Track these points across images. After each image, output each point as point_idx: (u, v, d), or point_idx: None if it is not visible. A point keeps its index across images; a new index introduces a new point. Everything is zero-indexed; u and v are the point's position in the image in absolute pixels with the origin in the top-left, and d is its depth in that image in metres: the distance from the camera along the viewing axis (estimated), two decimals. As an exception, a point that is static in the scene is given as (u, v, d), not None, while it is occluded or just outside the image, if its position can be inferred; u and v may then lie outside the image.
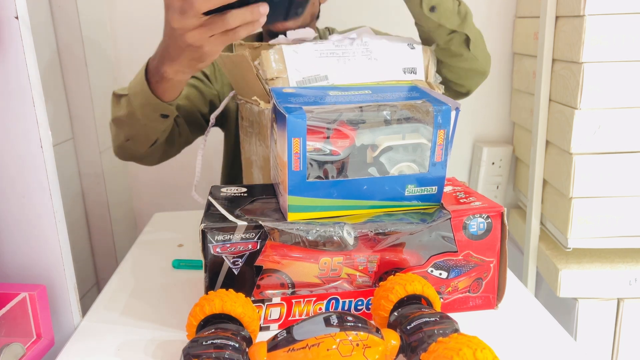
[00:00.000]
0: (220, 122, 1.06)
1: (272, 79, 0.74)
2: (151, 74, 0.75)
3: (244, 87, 0.82)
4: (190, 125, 0.95)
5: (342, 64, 0.76)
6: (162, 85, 0.75)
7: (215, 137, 1.17)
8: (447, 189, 0.70)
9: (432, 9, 0.81)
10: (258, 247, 0.59)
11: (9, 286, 0.61)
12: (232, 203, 0.64)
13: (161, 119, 0.81)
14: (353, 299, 0.62)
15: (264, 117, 0.74)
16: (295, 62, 0.74)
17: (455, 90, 0.96)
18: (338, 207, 0.61)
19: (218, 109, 0.85)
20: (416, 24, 0.87)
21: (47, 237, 0.63)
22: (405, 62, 0.79)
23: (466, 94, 0.96)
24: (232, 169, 1.08)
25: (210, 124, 0.84)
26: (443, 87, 0.85)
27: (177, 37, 0.63)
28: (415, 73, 0.79)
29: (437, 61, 0.89)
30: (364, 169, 0.61)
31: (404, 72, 0.78)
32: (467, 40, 0.86)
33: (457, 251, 0.62)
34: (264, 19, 0.61)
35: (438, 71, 0.90)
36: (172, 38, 0.64)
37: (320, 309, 0.62)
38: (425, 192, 0.63)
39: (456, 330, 0.50)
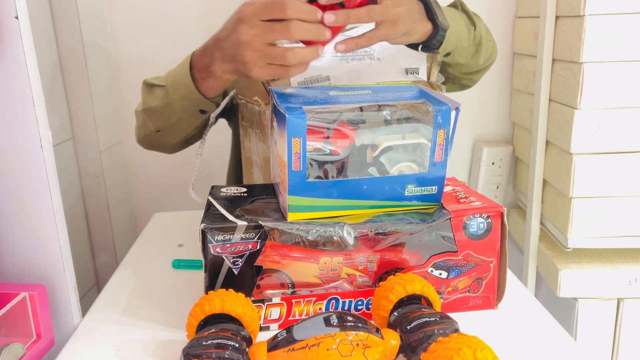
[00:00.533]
0: (228, 116, 1.05)
1: (274, 79, 0.73)
2: (197, 69, 0.75)
3: (245, 87, 0.82)
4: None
5: (345, 64, 0.76)
6: (207, 82, 0.75)
7: (216, 137, 1.17)
8: (447, 188, 0.70)
9: (447, 54, 0.80)
10: (258, 247, 0.59)
11: (9, 286, 0.61)
12: (232, 203, 0.64)
13: (199, 115, 0.81)
14: (353, 299, 0.62)
15: (265, 118, 0.74)
16: None
17: (464, 84, 0.96)
18: (338, 207, 0.61)
19: (218, 108, 0.84)
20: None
21: (47, 237, 0.63)
22: (408, 62, 0.79)
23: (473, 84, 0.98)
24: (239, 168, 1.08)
25: (209, 123, 0.84)
26: (445, 87, 0.85)
27: (238, 47, 0.63)
28: (417, 73, 0.79)
29: (444, 71, 0.89)
30: (364, 169, 0.61)
31: (406, 73, 0.78)
32: (480, 52, 0.86)
33: (457, 251, 0.62)
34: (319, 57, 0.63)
35: (445, 75, 0.91)
36: (233, 46, 0.64)
37: (320, 309, 0.62)
38: (425, 192, 0.63)
39: (456, 330, 0.50)
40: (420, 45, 0.72)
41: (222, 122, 1.07)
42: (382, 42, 0.77)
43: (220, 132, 1.10)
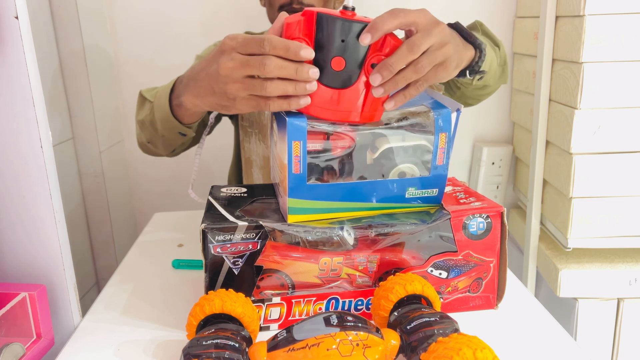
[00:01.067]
0: (230, 115, 1.04)
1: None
2: (174, 95, 0.75)
3: None
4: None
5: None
6: (180, 111, 0.75)
7: (216, 138, 1.17)
8: (447, 189, 0.70)
9: (482, 76, 0.78)
10: (258, 247, 0.59)
11: (9, 286, 0.61)
12: (232, 203, 0.64)
13: (180, 136, 0.82)
14: (353, 299, 0.62)
15: (264, 117, 0.74)
16: None
17: (469, 104, 0.95)
18: (338, 210, 0.61)
19: (207, 127, 0.85)
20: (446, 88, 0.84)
21: (47, 237, 0.63)
22: None
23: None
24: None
25: (209, 123, 0.84)
26: (443, 87, 0.85)
27: (217, 81, 0.60)
28: None
29: (450, 90, 0.88)
30: (364, 171, 0.61)
31: None
32: (505, 72, 0.85)
33: (457, 251, 0.62)
34: (306, 101, 0.56)
35: (450, 93, 0.90)
36: (211, 79, 0.61)
37: (320, 308, 0.62)
38: (426, 195, 0.63)
39: (456, 330, 0.50)
40: (468, 71, 0.67)
41: (225, 121, 1.07)
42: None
43: (220, 132, 1.10)
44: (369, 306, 0.62)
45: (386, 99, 0.58)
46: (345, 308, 0.62)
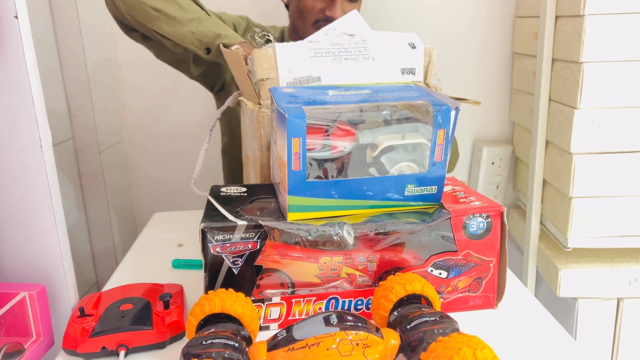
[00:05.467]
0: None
1: (263, 80, 0.72)
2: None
3: (240, 86, 0.82)
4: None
5: (338, 64, 0.75)
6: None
7: (217, 137, 1.17)
8: (447, 188, 0.70)
9: None
10: (258, 247, 0.59)
11: (8, 286, 0.61)
12: (232, 202, 0.64)
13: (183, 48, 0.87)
14: (353, 299, 0.62)
15: (254, 118, 0.74)
16: (288, 62, 0.73)
17: None
18: (338, 207, 0.61)
19: (222, 106, 0.85)
20: None
21: (46, 237, 0.63)
22: (405, 62, 0.77)
23: None
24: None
25: (216, 119, 0.85)
26: (441, 88, 0.85)
27: None
28: (414, 74, 0.78)
29: None
30: (363, 169, 0.61)
31: (402, 73, 0.77)
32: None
33: (457, 251, 0.62)
34: None
35: None
36: None
37: (320, 308, 0.62)
38: (425, 192, 0.63)
39: (456, 330, 0.50)
40: None
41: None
42: (379, 39, 0.76)
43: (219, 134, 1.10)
44: (369, 306, 0.61)
45: None
46: (345, 308, 0.62)
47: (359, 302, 0.62)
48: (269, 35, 0.90)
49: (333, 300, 0.62)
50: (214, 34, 0.84)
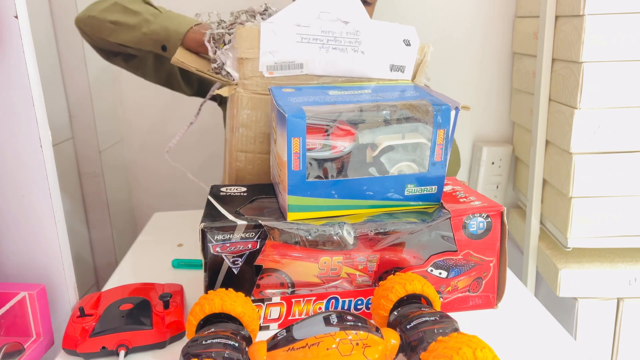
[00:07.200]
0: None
1: (242, 59, 0.70)
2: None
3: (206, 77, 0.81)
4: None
5: (324, 53, 0.71)
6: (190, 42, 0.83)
7: (218, 136, 1.17)
8: (447, 188, 0.70)
9: None
10: (258, 247, 0.59)
11: (8, 286, 0.61)
12: (232, 202, 0.64)
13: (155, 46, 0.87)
14: (353, 299, 0.62)
15: (230, 98, 0.73)
16: (271, 44, 0.70)
17: None
18: (338, 207, 0.61)
19: (205, 98, 0.86)
20: None
21: (46, 236, 0.63)
22: (395, 59, 0.74)
23: None
24: None
25: (199, 110, 0.86)
26: (430, 88, 0.84)
27: None
28: (403, 72, 0.75)
29: None
30: (363, 169, 0.61)
31: (391, 70, 0.74)
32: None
33: (456, 250, 0.62)
34: None
35: None
36: None
37: (320, 308, 0.62)
38: (425, 192, 0.63)
39: (456, 330, 0.50)
40: None
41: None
42: (374, 32, 0.72)
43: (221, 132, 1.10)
44: (369, 305, 0.61)
45: None
46: (345, 307, 0.62)
47: (359, 302, 0.62)
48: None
49: (333, 300, 0.62)
50: (164, 29, 0.85)
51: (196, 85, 1.01)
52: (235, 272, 0.59)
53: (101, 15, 0.89)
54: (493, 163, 1.37)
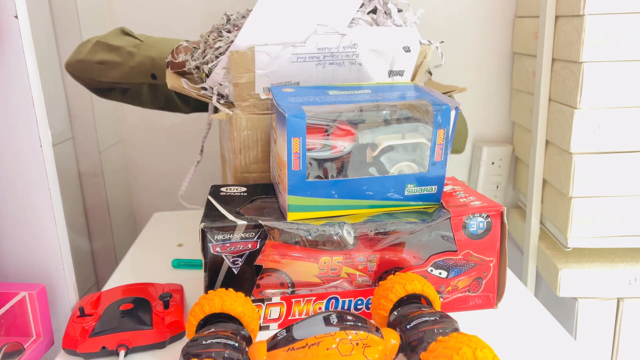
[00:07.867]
0: None
1: (238, 84, 0.70)
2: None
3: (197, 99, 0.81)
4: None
5: (321, 69, 0.70)
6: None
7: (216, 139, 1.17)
8: (447, 188, 0.70)
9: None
10: (258, 247, 0.59)
11: (8, 285, 0.61)
12: (232, 202, 0.64)
13: (146, 78, 0.87)
14: (353, 299, 0.62)
15: (228, 121, 0.73)
16: (266, 66, 0.69)
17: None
18: (338, 207, 0.61)
19: (208, 112, 0.86)
20: None
21: (46, 236, 0.63)
22: (394, 65, 0.73)
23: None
24: None
25: (202, 147, 0.86)
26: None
27: None
28: (402, 75, 0.75)
29: None
30: (363, 169, 0.61)
31: (389, 75, 0.74)
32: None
33: (456, 250, 0.62)
34: None
35: None
36: None
37: (320, 308, 0.62)
38: (425, 192, 0.63)
39: (456, 330, 0.50)
40: None
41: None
42: (372, 42, 0.71)
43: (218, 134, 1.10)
44: (369, 305, 0.61)
45: None
46: (345, 307, 0.62)
47: (359, 302, 0.62)
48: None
49: (333, 300, 0.62)
50: (149, 59, 0.85)
51: (193, 102, 1.02)
52: (235, 272, 0.59)
53: (88, 57, 0.90)
54: (493, 163, 1.37)
